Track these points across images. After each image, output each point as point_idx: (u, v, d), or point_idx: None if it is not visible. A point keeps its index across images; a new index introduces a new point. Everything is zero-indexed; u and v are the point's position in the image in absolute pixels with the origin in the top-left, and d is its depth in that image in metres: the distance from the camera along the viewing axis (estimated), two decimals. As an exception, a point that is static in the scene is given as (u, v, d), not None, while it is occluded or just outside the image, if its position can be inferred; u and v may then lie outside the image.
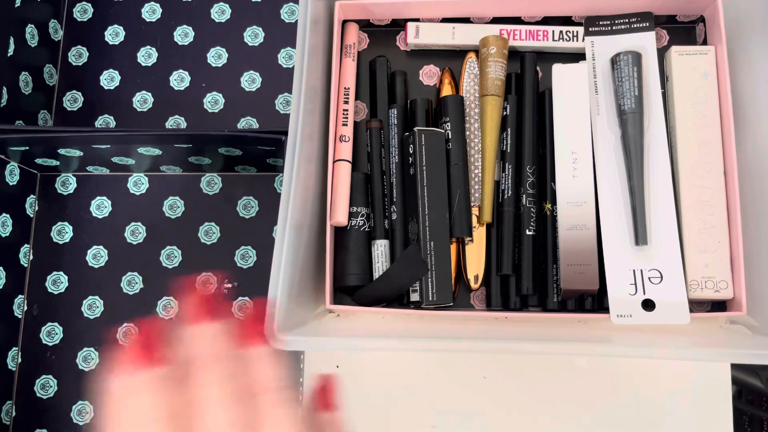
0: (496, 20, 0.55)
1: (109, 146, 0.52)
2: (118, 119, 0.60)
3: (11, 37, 0.55)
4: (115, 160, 0.55)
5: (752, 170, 0.48)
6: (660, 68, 0.51)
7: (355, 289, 0.50)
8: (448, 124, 0.51)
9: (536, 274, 0.50)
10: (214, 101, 0.60)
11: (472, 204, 0.51)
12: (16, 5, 0.55)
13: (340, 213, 0.49)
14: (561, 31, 0.54)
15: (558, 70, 0.51)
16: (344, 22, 0.55)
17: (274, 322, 0.39)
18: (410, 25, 0.54)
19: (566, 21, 0.55)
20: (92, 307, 0.57)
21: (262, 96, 0.60)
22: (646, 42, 0.51)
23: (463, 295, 0.53)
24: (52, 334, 0.57)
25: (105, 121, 0.60)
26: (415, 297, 0.49)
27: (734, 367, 0.61)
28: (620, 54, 0.50)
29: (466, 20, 0.55)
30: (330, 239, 0.49)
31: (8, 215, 0.55)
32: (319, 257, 0.49)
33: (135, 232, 0.58)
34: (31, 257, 0.58)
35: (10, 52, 0.54)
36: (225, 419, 0.26)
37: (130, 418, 0.26)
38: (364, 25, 0.56)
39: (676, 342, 0.44)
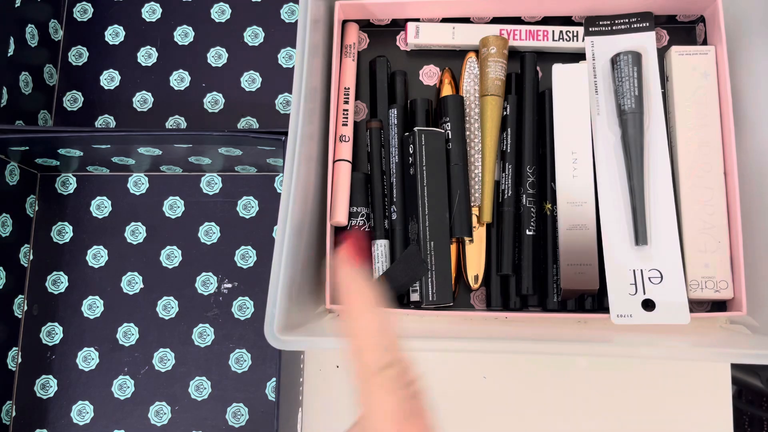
0: (496, 20, 0.55)
1: (109, 146, 0.52)
2: (118, 119, 0.60)
3: (11, 37, 0.55)
4: (115, 160, 0.55)
5: (752, 170, 0.48)
6: (660, 68, 0.51)
7: (355, 289, 0.50)
8: (448, 124, 0.51)
9: (536, 274, 0.50)
10: (214, 101, 0.60)
11: (472, 204, 0.51)
12: (16, 5, 0.55)
13: (340, 213, 0.49)
14: (561, 31, 0.54)
15: (558, 70, 0.51)
16: (344, 22, 0.55)
17: (274, 323, 0.39)
18: (410, 25, 0.54)
19: (566, 21, 0.55)
20: (92, 307, 0.57)
21: (262, 96, 0.60)
22: (646, 42, 0.51)
23: (463, 295, 0.53)
24: (52, 334, 0.57)
25: (105, 121, 0.60)
26: (415, 297, 0.49)
27: (734, 367, 0.61)
28: (620, 54, 0.50)
29: (466, 20, 0.55)
30: (330, 239, 0.49)
31: (8, 215, 0.55)
32: (319, 257, 0.49)
33: (135, 232, 0.58)
34: (31, 257, 0.58)
35: (10, 52, 0.54)
36: None
37: None
38: (364, 25, 0.56)
39: (676, 342, 0.44)
